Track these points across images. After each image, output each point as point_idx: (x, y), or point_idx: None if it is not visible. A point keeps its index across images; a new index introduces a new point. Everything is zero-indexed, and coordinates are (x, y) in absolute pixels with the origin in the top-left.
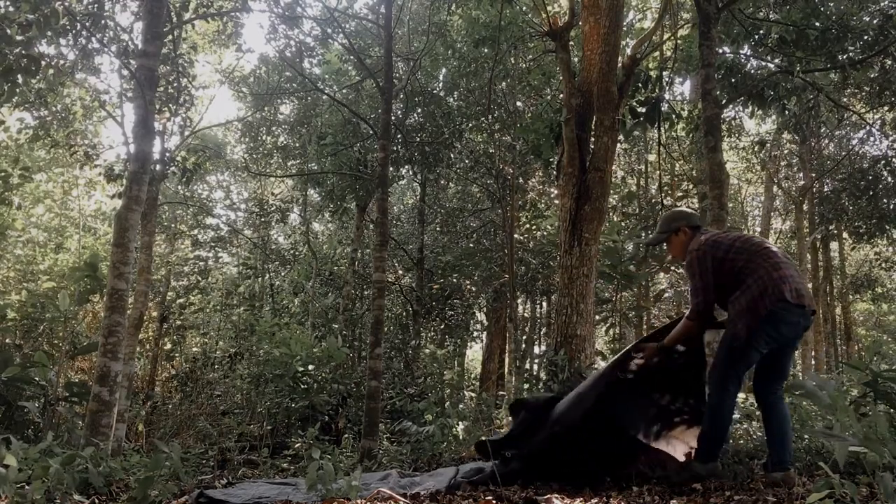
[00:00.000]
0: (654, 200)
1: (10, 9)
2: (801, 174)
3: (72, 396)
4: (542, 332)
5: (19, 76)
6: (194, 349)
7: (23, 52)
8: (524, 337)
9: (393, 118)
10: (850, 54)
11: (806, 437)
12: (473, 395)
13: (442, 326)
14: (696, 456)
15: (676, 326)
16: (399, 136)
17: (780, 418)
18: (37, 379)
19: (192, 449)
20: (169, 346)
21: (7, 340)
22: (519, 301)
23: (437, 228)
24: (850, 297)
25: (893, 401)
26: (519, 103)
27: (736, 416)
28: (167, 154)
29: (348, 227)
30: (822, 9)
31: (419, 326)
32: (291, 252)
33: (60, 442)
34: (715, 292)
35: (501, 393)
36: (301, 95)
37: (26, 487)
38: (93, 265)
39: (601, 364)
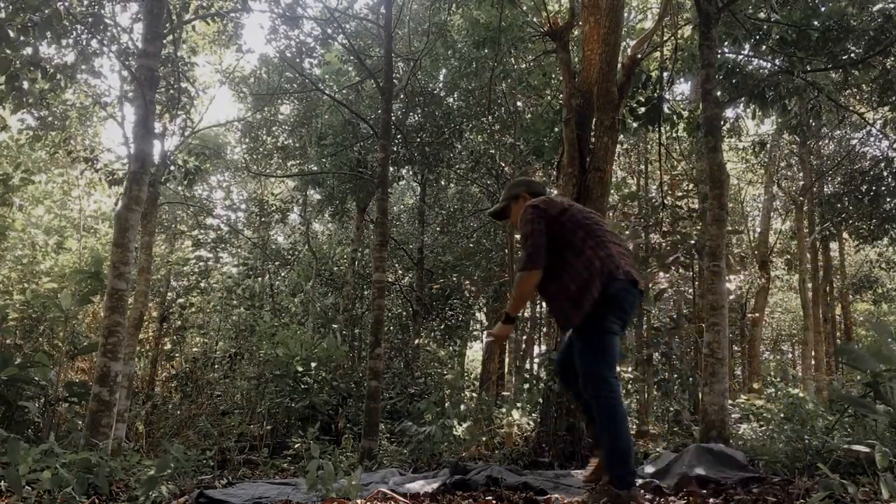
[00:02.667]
0: (654, 200)
1: (10, 9)
2: (801, 174)
3: (72, 396)
4: (542, 332)
5: (24, 82)
6: (194, 349)
7: (28, 59)
8: (524, 337)
9: (393, 118)
10: (851, 54)
11: (806, 437)
12: (474, 394)
13: (442, 326)
14: (612, 480)
15: (513, 291)
16: (399, 136)
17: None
18: (37, 379)
19: (192, 449)
20: (169, 346)
21: (7, 340)
22: None
23: (437, 228)
24: (850, 297)
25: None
26: (519, 103)
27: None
28: (168, 155)
29: (348, 227)
30: (822, 9)
31: (419, 326)
32: (291, 252)
33: (61, 442)
34: (547, 256)
35: (505, 393)
36: (301, 96)
37: (28, 488)
38: (96, 269)
39: None
